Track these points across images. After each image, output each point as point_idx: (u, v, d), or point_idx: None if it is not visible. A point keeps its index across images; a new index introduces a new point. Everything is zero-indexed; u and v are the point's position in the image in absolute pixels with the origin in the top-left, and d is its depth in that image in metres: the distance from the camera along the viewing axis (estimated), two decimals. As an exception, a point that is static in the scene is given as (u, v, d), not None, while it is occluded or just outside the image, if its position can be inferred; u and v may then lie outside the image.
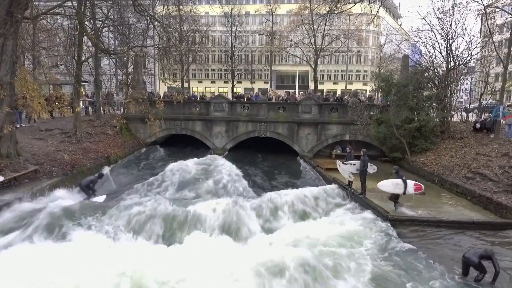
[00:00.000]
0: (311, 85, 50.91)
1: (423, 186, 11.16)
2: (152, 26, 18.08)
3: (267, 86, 55.33)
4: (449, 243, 8.87)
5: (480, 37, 25.38)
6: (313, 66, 36.45)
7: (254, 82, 57.33)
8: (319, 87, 43.83)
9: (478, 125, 16.69)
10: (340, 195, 13.03)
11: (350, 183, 13.05)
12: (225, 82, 59.14)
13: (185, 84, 42.22)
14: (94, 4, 17.68)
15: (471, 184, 12.70)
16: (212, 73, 60.55)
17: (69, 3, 16.56)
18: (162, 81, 39.53)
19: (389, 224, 9.88)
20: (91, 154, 16.40)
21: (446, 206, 11.58)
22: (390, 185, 10.86)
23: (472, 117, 20.01)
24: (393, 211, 10.61)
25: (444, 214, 10.64)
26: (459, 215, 10.53)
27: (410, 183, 10.86)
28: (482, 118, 17.63)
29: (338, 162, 13.36)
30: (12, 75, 12.60)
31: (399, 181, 10.72)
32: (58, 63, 22.92)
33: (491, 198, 11.18)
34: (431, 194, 12.98)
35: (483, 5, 15.59)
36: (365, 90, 57.31)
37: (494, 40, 21.76)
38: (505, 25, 27.63)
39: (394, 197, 10.99)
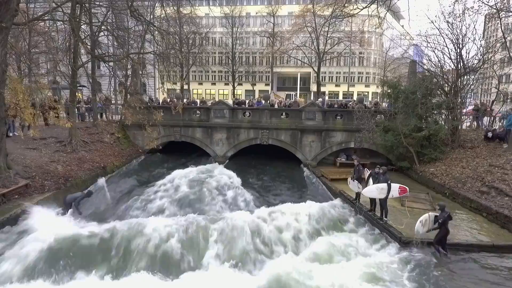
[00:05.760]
0: (313, 87, 50.31)
1: (407, 189, 10.87)
2: (150, 32, 17.37)
3: (268, 88, 54.74)
4: (469, 271, 8.19)
5: (483, 39, 24.72)
6: (316, 70, 35.75)
7: (255, 84, 56.78)
8: (321, 89, 43.19)
9: (490, 134, 15.98)
10: (347, 212, 12.34)
11: (358, 196, 12.40)
12: (225, 84, 58.58)
13: (185, 86, 41.60)
14: (90, 9, 16.99)
15: (486, 199, 12.03)
16: (212, 75, 59.96)
17: (66, 5, 15.92)
18: (162, 84, 38.99)
19: (401, 247, 9.23)
20: (86, 164, 15.73)
21: (461, 225, 10.88)
22: (375, 190, 10.65)
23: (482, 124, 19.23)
24: (403, 227, 9.94)
25: (460, 233, 10.07)
26: (476, 236, 9.90)
27: (395, 186, 10.61)
28: (495, 127, 16.91)
29: (349, 180, 12.57)
30: (2, 84, 11.95)
31: (384, 185, 10.45)
32: (56, 68, 22.28)
33: (509, 216, 10.50)
34: (444, 209, 12.33)
35: (497, 9, 14.87)
36: (368, 92, 56.77)
37: (499, 43, 21.01)
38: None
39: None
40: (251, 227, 10.29)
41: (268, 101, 22.69)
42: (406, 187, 10.87)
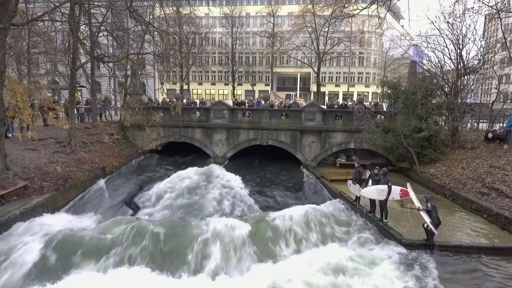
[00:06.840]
0: (313, 88, 50.27)
1: (409, 192, 10.59)
2: (149, 32, 17.30)
3: (268, 88, 54.67)
4: (469, 273, 8.14)
5: (483, 39, 24.67)
6: (316, 70, 35.70)
7: (255, 84, 56.73)
8: (321, 89, 43.14)
9: (490, 135, 15.93)
10: (347, 213, 12.28)
11: (358, 198, 12.36)
12: (225, 84, 58.49)
13: (185, 87, 41.55)
14: (89, 9, 16.95)
15: (486, 200, 11.97)
16: (212, 75, 59.88)
17: (64, 6, 15.87)
18: (161, 84, 39.00)
19: (403, 250, 9.17)
20: (85, 165, 15.67)
21: (462, 226, 10.83)
22: (374, 191, 10.56)
23: (483, 125, 19.18)
24: (406, 234, 9.90)
25: (460, 234, 10.03)
26: (476, 238, 9.86)
27: (396, 188, 10.46)
28: (495, 128, 16.85)
29: (349, 182, 12.53)
30: (0, 85, 11.90)
31: (384, 187, 10.35)
32: (55, 68, 22.24)
33: (509, 218, 10.46)
34: (443, 211, 12.18)
35: (497, 9, 14.83)
36: (368, 92, 56.71)
37: (500, 43, 20.98)
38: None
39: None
40: (248, 230, 10.22)
41: (268, 102, 22.63)
42: (408, 190, 10.70)
